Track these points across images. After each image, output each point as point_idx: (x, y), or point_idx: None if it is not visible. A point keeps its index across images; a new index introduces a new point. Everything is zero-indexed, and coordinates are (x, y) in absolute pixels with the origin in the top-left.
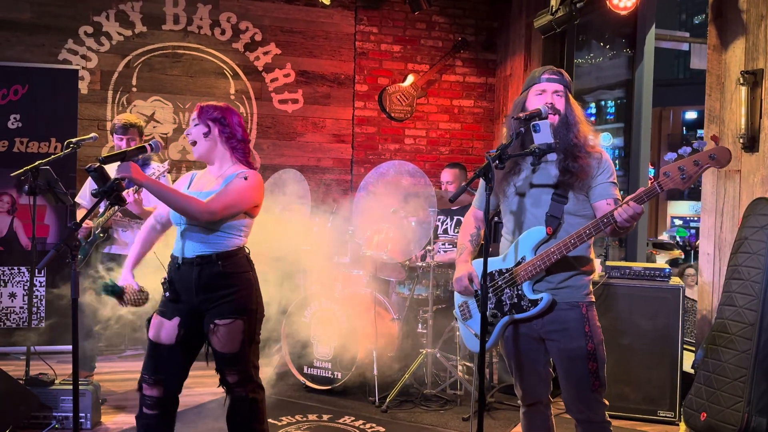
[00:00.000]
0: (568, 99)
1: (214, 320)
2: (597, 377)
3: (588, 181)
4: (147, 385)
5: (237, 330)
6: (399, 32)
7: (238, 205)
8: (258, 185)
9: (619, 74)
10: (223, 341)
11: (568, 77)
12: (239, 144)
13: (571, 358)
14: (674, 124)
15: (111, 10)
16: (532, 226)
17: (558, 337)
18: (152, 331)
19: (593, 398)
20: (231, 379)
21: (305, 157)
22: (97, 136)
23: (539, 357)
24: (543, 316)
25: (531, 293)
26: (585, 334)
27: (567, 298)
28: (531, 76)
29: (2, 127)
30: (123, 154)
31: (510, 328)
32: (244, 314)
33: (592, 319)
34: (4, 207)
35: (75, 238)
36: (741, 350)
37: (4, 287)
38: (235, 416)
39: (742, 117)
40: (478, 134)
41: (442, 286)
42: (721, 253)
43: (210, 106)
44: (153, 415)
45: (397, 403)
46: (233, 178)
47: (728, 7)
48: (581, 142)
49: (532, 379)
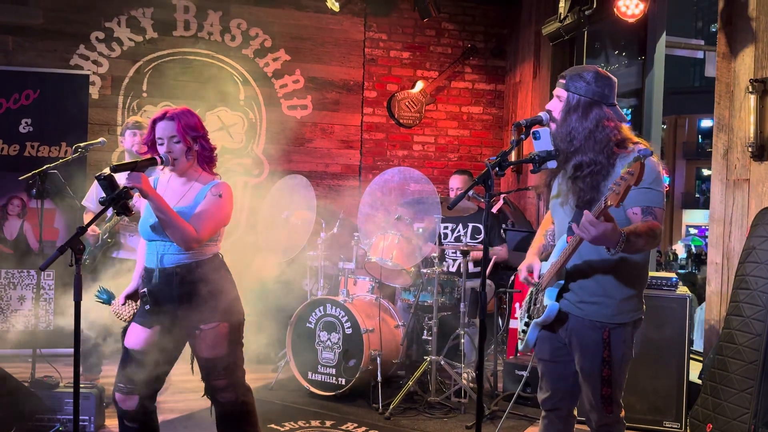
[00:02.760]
0: (573, 104)
1: (198, 326)
2: (610, 402)
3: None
4: (122, 395)
5: (222, 333)
6: (408, 39)
7: (220, 225)
8: (230, 197)
9: (630, 82)
10: (210, 345)
11: (586, 78)
12: (211, 154)
13: (585, 379)
14: (690, 132)
15: (122, 16)
16: (564, 234)
17: (577, 351)
18: (129, 339)
19: (607, 417)
20: (219, 384)
21: (314, 163)
22: (106, 140)
23: (566, 361)
24: (557, 325)
25: (546, 299)
26: (602, 359)
27: (592, 316)
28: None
29: (14, 132)
30: (134, 164)
31: (542, 332)
32: (227, 317)
33: (615, 343)
34: (15, 210)
35: (79, 242)
36: (748, 361)
37: (14, 290)
38: (227, 423)
39: (751, 125)
40: (487, 141)
41: (448, 293)
42: (729, 262)
43: (188, 124)
44: (134, 428)
45: (401, 410)
46: (206, 195)
47: (738, 15)
48: (588, 155)
49: (556, 382)
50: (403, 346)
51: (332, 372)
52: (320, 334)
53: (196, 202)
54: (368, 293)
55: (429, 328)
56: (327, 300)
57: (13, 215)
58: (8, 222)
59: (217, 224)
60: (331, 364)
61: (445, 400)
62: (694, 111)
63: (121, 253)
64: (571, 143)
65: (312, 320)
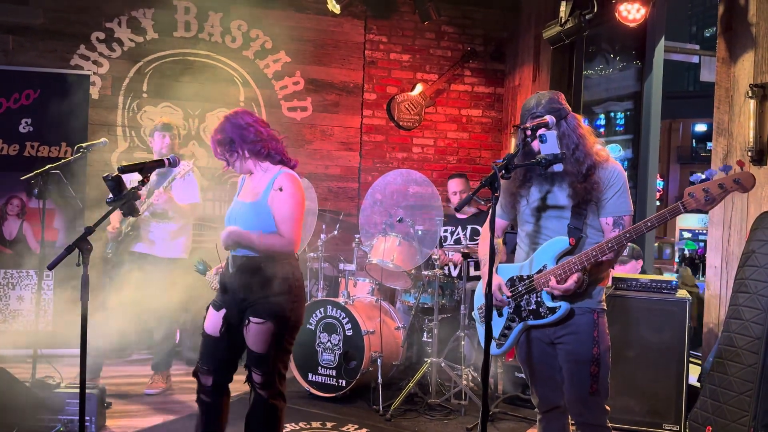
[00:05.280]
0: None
1: (249, 317)
2: (596, 380)
3: (599, 197)
4: (201, 374)
5: (266, 332)
6: (408, 42)
7: (298, 216)
8: (295, 185)
9: (628, 86)
10: (252, 339)
11: (556, 102)
12: (256, 146)
13: (576, 361)
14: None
15: (123, 16)
16: (554, 236)
17: (568, 340)
18: (205, 322)
19: (592, 401)
20: (255, 379)
21: (313, 165)
22: (107, 141)
23: (554, 363)
24: (559, 324)
25: (550, 301)
26: (593, 338)
27: (582, 305)
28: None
29: (14, 131)
30: (141, 166)
31: (524, 335)
32: (276, 318)
33: (602, 325)
34: (14, 210)
35: (87, 242)
36: (747, 364)
37: (13, 290)
38: (253, 417)
39: (751, 130)
40: (486, 144)
41: (448, 295)
42: (728, 266)
43: (217, 130)
44: (209, 402)
45: (401, 411)
46: (269, 193)
47: (738, 20)
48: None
49: (548, 386)
50: (403, 348)
51: (332, 373)
52: (321, 335)
53: (264, 196)
54: (368, 295)
55: (429, 330)
56: (327, 301)
57: (12, 215)
58: (7, 222)
59: (293, 217)
60: (332, 365)
61: (445, 402)
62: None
63: (139, 246)
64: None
65: (312, 322)
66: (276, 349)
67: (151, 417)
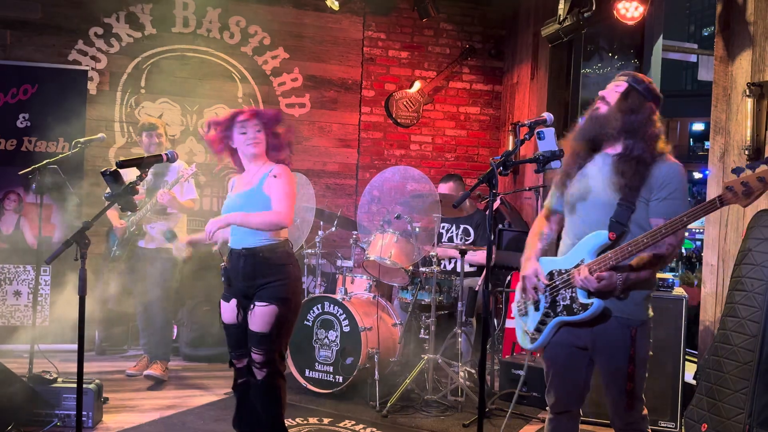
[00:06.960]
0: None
1: (254, 303)
2: (632, 396)
3: (649, 192)
4: (235, 360)
5: (270, 314)
6: (407, 39)
7: (292, 196)
8: (289, 174)
9: None
10: (256, 321)
11: (643, 79)
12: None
13: (611, 375)
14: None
15: (121, 12)
16: (595, 229)
17: (604, 353)
18: (222, 315)
19: (629, 415)
20: (256, 358)
21: (311, 161)
22: (105, 136)
23: (581, 367)
24: (593, 324)
25: (584, 297)
26: (629, 357)
27: (620, 313)
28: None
29: (11, 126)
30: (140, 160)
31: (558, 333)
32: (279, 301)
33: (640, 340)
34: (11, 205)
35: (85, 237)
36: (743, 362)
37: (9, 285)
38: (255, 397)
39: (748, 129)
40: (484, 141)
41: (445, 292)
42: (724, 264)
43: (271, 116)
44: (243, 382)
45: (398, 408)
46: (265, 180)
47: (735, 19)
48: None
49: (567, 387)
50: (400, 345)
51: (329, 370)
52: (318, 331)
53: (260, 184)
54: (366, 291)
55: (426, 326)
56: (325, 298)
57: (9, 210)
58: (4, 217)
59: (288, 196)
60: (329, 361)
61: (441, 399)
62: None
63: (142, 242)
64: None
65: (310, 318)
66: (278, 328)
67: (148, 412)
